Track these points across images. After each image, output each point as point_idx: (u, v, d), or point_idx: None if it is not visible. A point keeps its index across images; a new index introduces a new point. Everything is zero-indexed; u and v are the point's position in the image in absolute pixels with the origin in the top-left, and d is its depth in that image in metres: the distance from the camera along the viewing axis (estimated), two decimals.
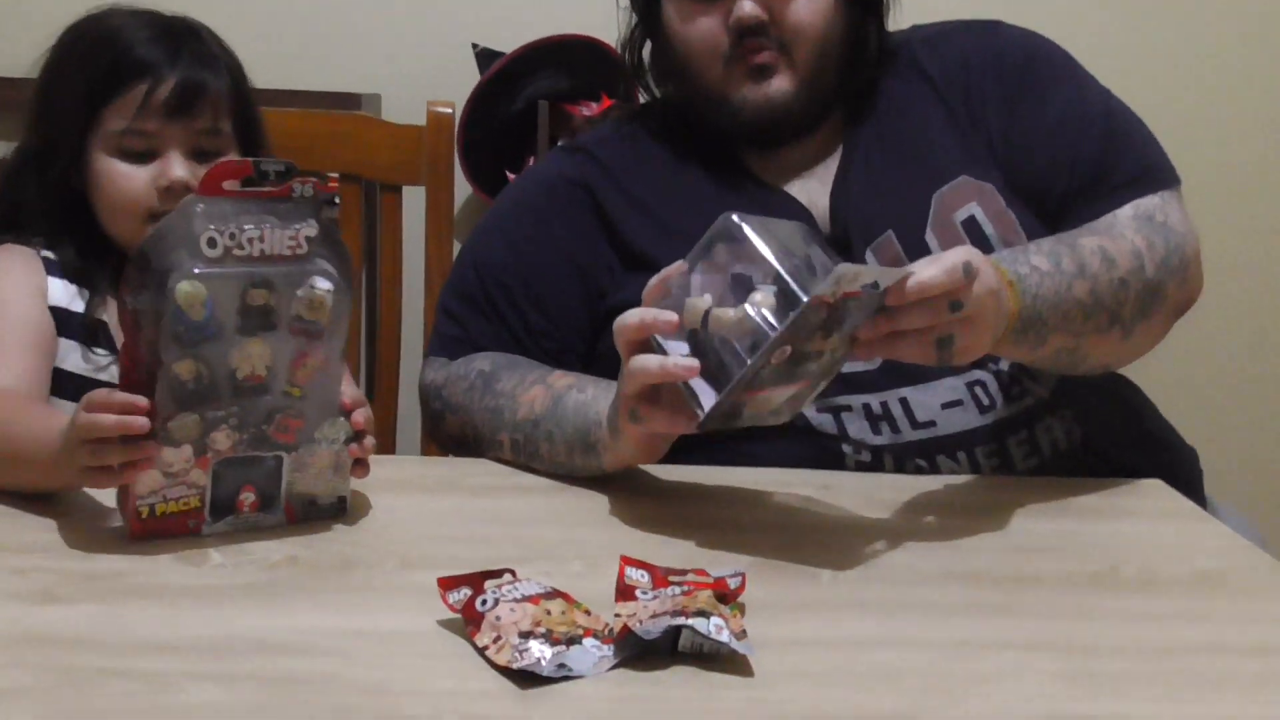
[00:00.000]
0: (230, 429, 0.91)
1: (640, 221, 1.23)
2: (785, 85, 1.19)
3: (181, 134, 1.14)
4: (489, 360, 1.20)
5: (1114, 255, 1.10)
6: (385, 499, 1.02)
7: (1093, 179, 1.19)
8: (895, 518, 1.04)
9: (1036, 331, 1.04)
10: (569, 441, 1.08)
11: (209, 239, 0.87)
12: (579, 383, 1.12)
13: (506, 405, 1.14)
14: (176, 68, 1.14)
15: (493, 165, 2.22)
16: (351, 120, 1.60)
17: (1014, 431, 1.15)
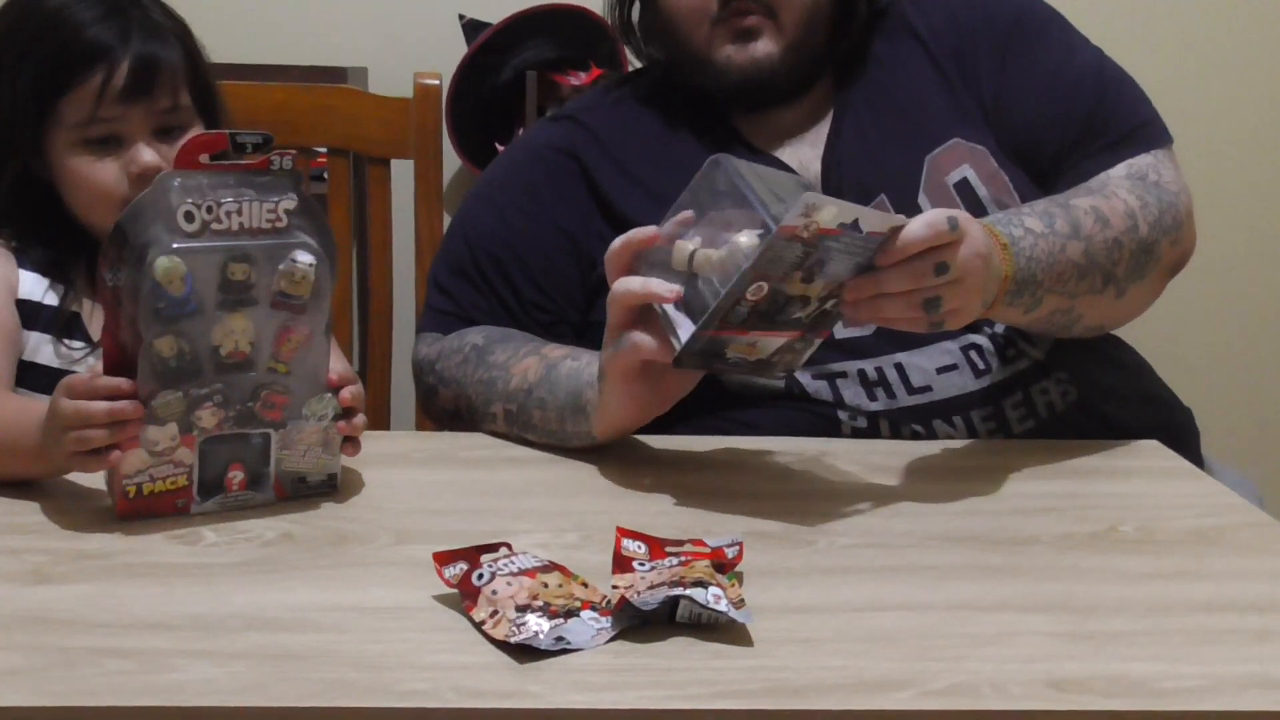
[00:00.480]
0: (215, 406, 0.90)
1: (630, 189, 1.22)
2: (771, 48, 1.18)
3: (143, 116, 1.12)
4: (482, 334, 1.20)
5: (1107, 215, 1.09)
6: (379, 473, 1.01)
7: (1084, 137, 1.19)
8: (892, 483, 1.04)
9: (1031, 293, 1.03)
10: (561, 408, 1.07)
11: (186, 213, 0.86)
12: (573, 353, 1.11)
13: (500, 376, 1.13)
14: (128, 49, 1.10)
15: (481, 137, 2.20)
16: (338, 93, 1.59)
17: (1009, 394, 1.15)
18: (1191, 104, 2.20)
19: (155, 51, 1.11)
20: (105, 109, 1.10)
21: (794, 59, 1.19)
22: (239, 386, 0.91)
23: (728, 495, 0.99)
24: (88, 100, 1.10)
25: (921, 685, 0.71)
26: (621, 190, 1.22)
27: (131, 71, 1.10)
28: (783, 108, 1.22)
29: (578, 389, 1.06)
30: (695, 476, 1.04)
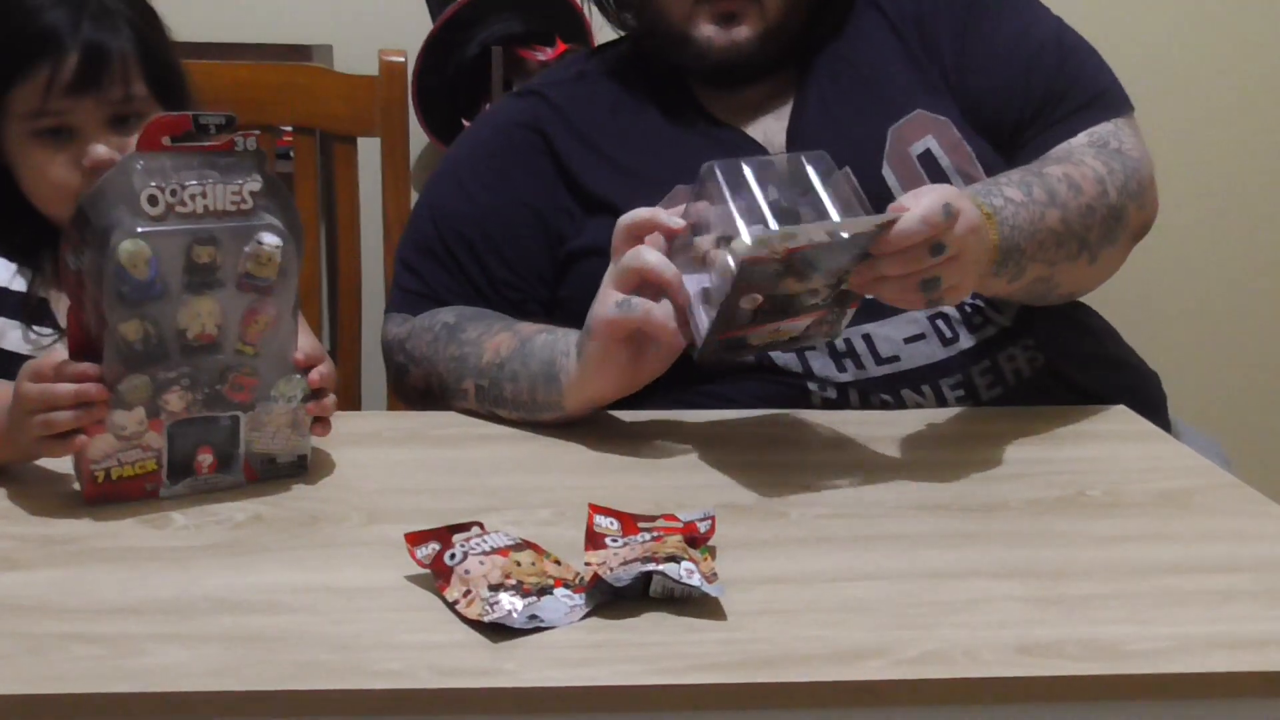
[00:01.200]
0: (183, 389, 0.89)
1: (595, 164, 1.21)
2: (750, 33, 1.17)
3: (94, 107, 1.08)
4: (454, 312, 1.19)
5: (1079, 182, 1.10)
6: (349, 453, 1.01)
7: (1045, 105, 1.19)
8: (861, 453, 1.04)
9: (1015, 262, 1.04)
10: (533, 377, 1.07)
11: (149, 196, 0.85)
12: (548, 328, 1.11)
13: (471, 353, 1.13)
14: (76, 38, 1.06)
15: (448, 113, 2.19)
16: (303, 72, 1.57)
17: (977, 361, 1.15)
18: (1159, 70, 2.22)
19: (105, 40, 1.08)
20: (54, 101, 1.07)
21: (773, 42, 1.18)
22: (206, 369, 0.90)
23: (699, 468, 1.00)
24: (36, 92, 1.07)
25: (895, 654, 0.71)
26: (587, 165, 1.21)
27: (80, 63, 1.06)
28: (747, 84, 1.22)
29: (551, 358, 1.06)
30: (666, 450, 1.04)
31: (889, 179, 1.16)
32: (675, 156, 1.18)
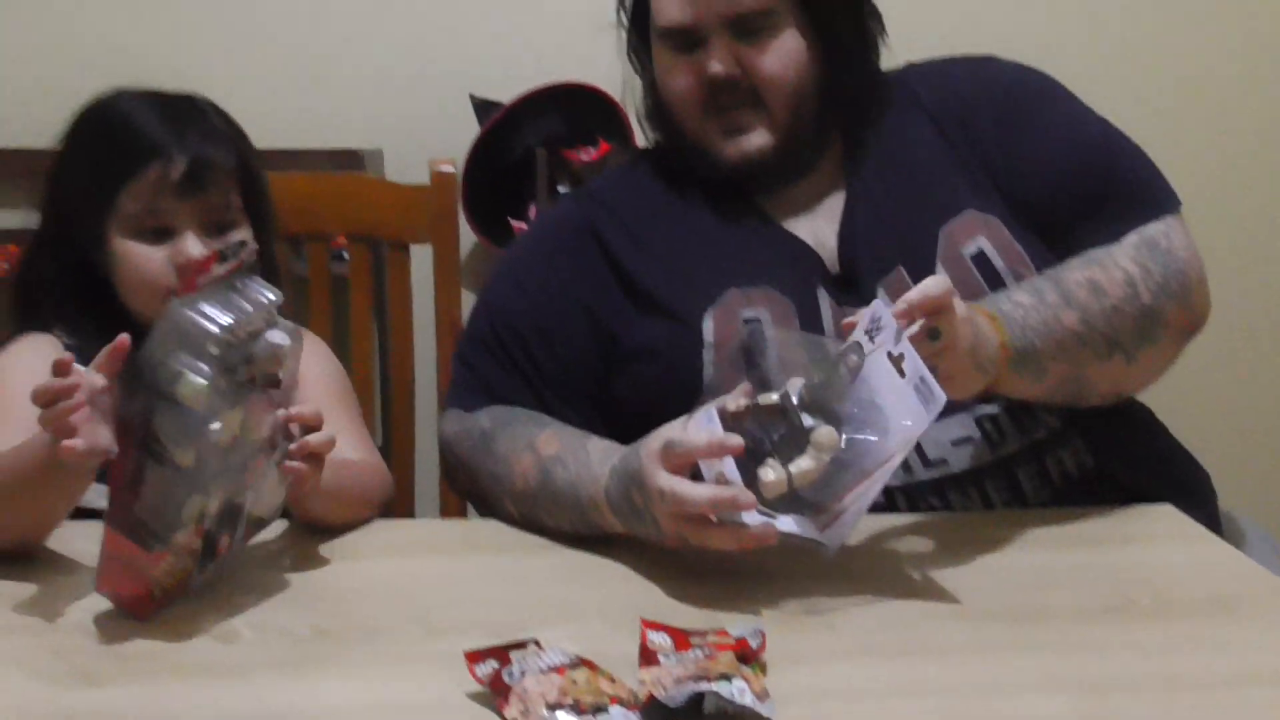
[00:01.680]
0: (219, 491, 0.93)
1: (647, 263, 1.24)
2: (761, 141, 1.21)
3: (194, 210, 1.18)
4: (489, 416, 1.22)
5: (1103, 284, 1.12)
6: (406, 563, 1.04)
7: (1094, 205, 1.21)
8: (909, 559, 1.05)
9: (1035, 363, 1.06)
10: (570, 518, 1.10)
11: (210, 327, 0.89)
12: (561, 452, 1.12)
13: (504, 474, 1.15)
14: (186, 148, 1.17)
15: (495, 212, 2.23)
16: (358, 182, 1.63)
17: (1025, 464, 1.17)
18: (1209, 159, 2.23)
19: (210, 152, 1.18)
20: (160, 201, 1.16)
21: (788, 146, 1.21)
22: (233, 467, 0.94)
23: (748, 576, 1.01)
24: (145, 192, 1.16)
25: None
26: (639, 265, 1.24)
27: (187, 169, 1.16)
28: (794, 183, 1.25)
29: (579, 506, 1.08)
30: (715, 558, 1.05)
31: None
32: (727, 256, 1.22)
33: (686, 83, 1.21)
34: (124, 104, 1.20)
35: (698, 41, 1.20)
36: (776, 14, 1.19)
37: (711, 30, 1.19)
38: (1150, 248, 1.17)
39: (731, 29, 1.19)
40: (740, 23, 1.18)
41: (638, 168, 1.33)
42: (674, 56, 1.22)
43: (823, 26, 1.21)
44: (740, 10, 1.18)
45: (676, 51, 1.21)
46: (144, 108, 1.19)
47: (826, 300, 1.19)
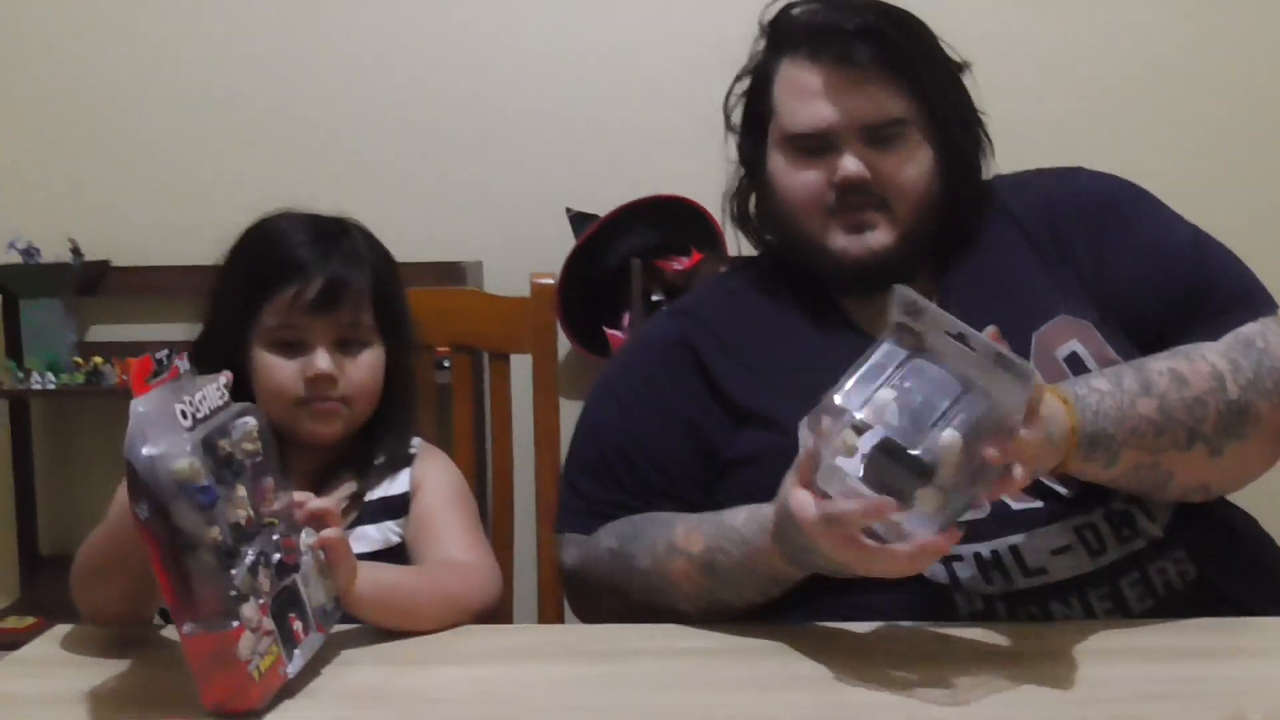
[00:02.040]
0: (263, 567, 0.97)
1: (744, 378, 1.26)
2: (884, 239, 1.23)
3: (326, 327, 1.25)
4: (613, 536, 1.24)
5: (1186, 376, 1.12)
6: (512, 669, 1.05)
7: (1188, 310, 1.22)
8: (1009, 669, 1.04)
9: (1105, 447, 1.07)
10: (754, 590, 1.12)
11: (180, 411, 0.94)
12: (710, 542, 1.14)
13: (661, 585, 1.17)
14: (323, 269, 1.24)
15: (590, 321, 2.28)
16: (461, 295, 1.68)
17: (1126, 573, 1.15)
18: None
19: (345, 274, 1.25)
20: (295, 317, 1.24)
21: (907, 247, 1.24)
22: (264, 540, 0.99)
23: (849, 686, 1.01)
24: (283, 308, 1.24)
25: None
26: (736, 379, 1.26)
27: (321, 290, 1.24)
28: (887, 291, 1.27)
29: (758, 580, 1.11)
30: (816, 665, 1.06)
31: None
32: (822, 366, 1.22)
33: (814, 184, 1.24)
34: (278, 225, 1.29)
35: (829, 146, 1.23)
36: (907, 123, 1.23)
37: (847, 135, 1.22)
38: (1244, 345, 1.17)
39: (864, 135, 1.22)
40: (874, 130, 1.22)
41: (731, 281, 1.37)
42: (801, 158, 1.25)
43: (946, 137, 1.25)
44: (878, 119, 1.22)
45: (803, 154, 1.25)
46: (294, 229, 1.27)
47: None
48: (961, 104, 1.28)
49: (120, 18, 2.51)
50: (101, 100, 2.52)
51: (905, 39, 1.23)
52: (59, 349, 2.43)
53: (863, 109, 1.21)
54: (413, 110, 2.46)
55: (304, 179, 2.38)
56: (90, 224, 2.48)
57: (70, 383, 2.39)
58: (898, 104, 1.22)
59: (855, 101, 1.21)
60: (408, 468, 1.31)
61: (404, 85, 2.47)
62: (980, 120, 1.30)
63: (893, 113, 1.22)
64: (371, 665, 1.08)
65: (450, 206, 2.39)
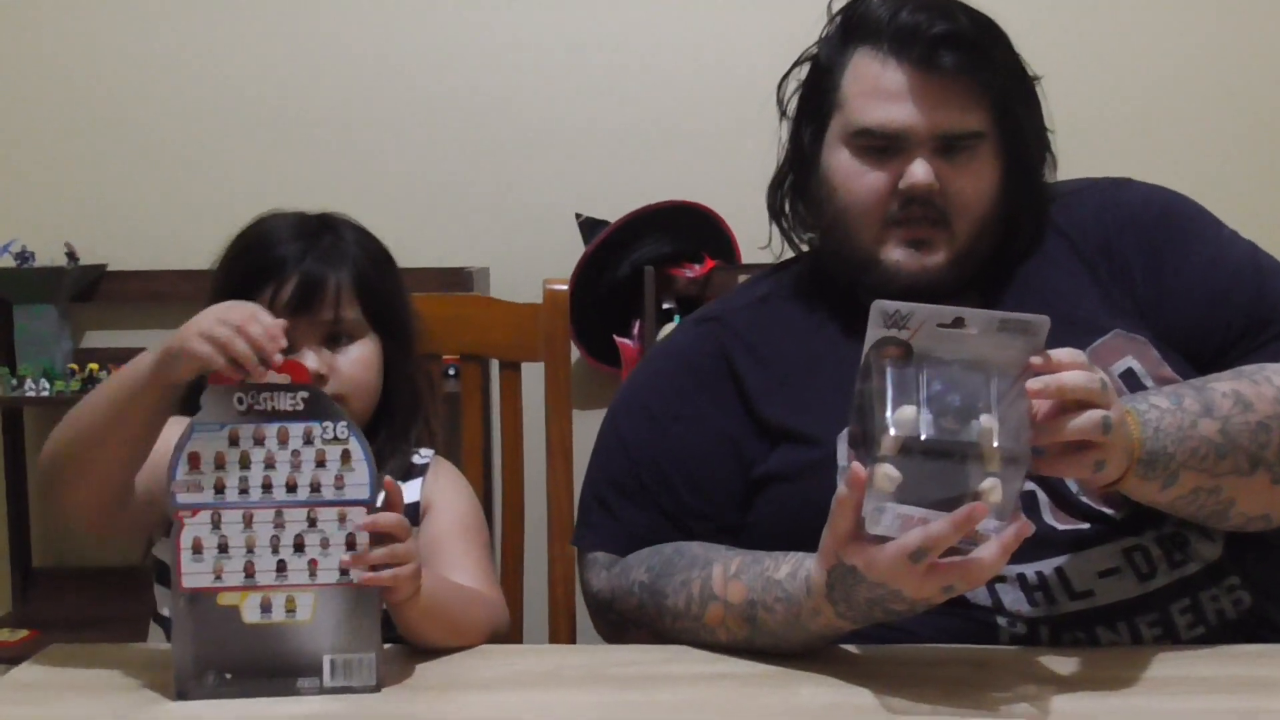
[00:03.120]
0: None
1: (777, 393, 1.20)
2: (941, 259, 1.17)
3: (309, 326, 1.19)
4: (644, 569, 1.17)
5: (1250, 399, 1.06)
6: (532, 695, 1.00)
7: (1247, 331, 1.16)
8: (1053, 697, 0.99)
9: (1164, 466, 1.01)
10: (798, 643, 1.06)
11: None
12: (752, 594, 1.07)
13: (698, 629, 1.11)
14: (300, 267, 1.19)
15: (600, 331, 2.23)
16: (471, 302, 1.63)
17: (1177, 600, 1.10)
18: None
19: (323, 271, 1.20)
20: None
21: (961, 268, 1.18)
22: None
23: (887, 713, 0.96)
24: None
25: None
26: (769, 396, 1.21)
27: (296, 288, 1.19)
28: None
29: (807, 635, 1.05)
30: (852, 691, 1.01)
31: None
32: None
33: (876, 187, 1.17)
34: (262, 226, 1.24)
35: (898, 149, 1.16)
36: (983, 137, 1.16)
37: (920, 141, 1.15)
38: None
39: (938, 145, 1.16)
40: (949, 140, 1.16)
41: (763, 286, 1.31)
42: (865, 158, 1.17)
43: (1018, 156, 1.19)
44: (955, 129, 1.15)
45: (869, 153, 1.17)
46: (276, 229, 1.22)
47: None
48: (1037, 119, 1.21)
49: (119, 20, 2.47)
50: (99, 101, 2.48)
51: (992, 48, 1.17)
52: (54, 356, 2.39)
53: (943, 117, 1.15)
54: (418, 113, 2.42)
55: (306, 182, 2.34)
56: (86, 227, 2.44)
57: (65, 390, 2.34)
58: (977, 116, 1.16)
59: (936, 108, 1.14)
60: (420, 478, 1.26)
61: (409, 87, 2.43)
62: (1047, 136, 1.23)
63: (971, 125, 1.15)
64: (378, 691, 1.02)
65: (457, 211, 2.35)
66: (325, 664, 1.01)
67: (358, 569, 1.00)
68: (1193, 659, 1.07)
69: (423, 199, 2.36)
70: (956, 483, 0.91)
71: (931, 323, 0.94)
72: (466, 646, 1.13)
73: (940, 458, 0.91)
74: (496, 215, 2.34)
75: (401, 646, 1.11)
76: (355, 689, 1.01)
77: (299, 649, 1.01)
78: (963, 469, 0.91)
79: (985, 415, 0.92)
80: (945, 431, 0.92)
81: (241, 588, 1.00)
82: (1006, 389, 0.93)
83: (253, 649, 1.00)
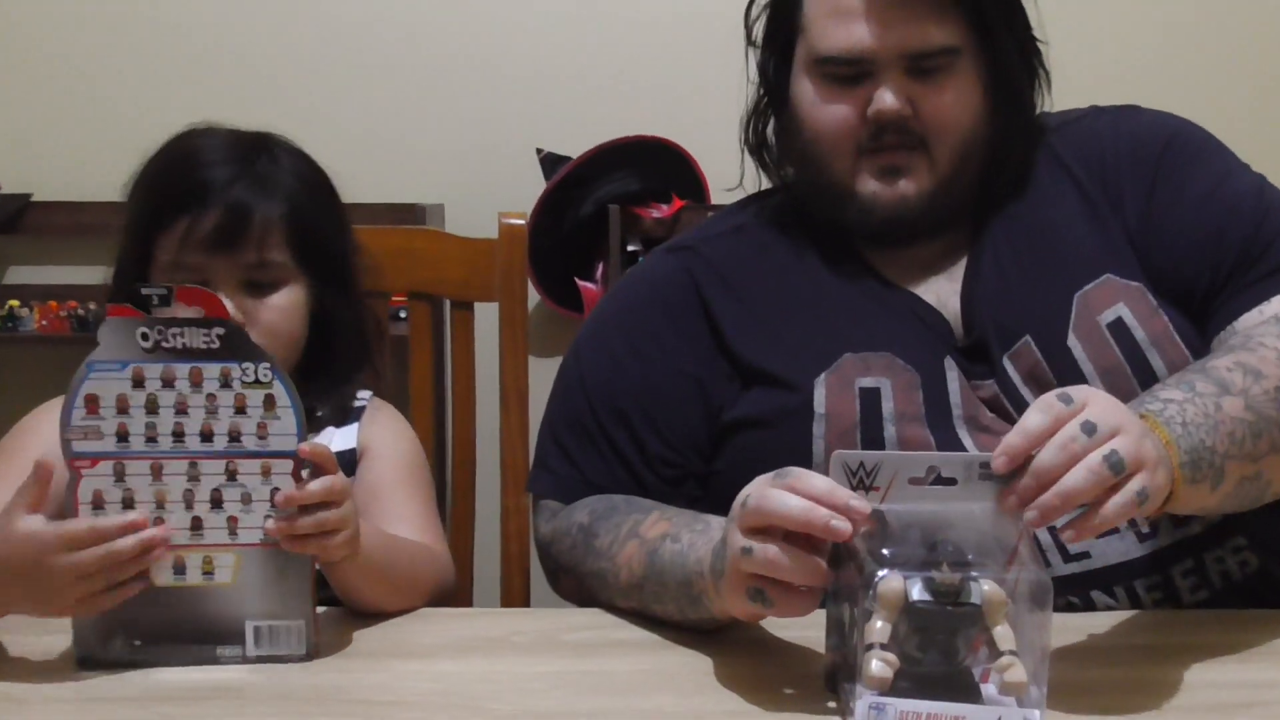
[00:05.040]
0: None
1: (752, 330, 1.12)
2: (920, 186, 1.09)
3: (227, 267, 1.07)
4: (586, 510, 1.09)
5: (1255, 366, 0.97)
6: (477, 663, 0.91)
7: (1239, 267, 1.07)
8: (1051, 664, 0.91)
9: (1210, 463, 0.90)
10: (676, 599, 0.96)
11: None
12: (673, 529, 1.00)
13: (608, 569, 1.03)
14: (223, 197, 1.07)
15: (561, 273, 2.15)
16: (422, 235, 1.52)
17: (1179, 561, 1.03)
18: None
19: (249, 203, 1.07)
20: (189, 255, 1.07)
21: (943, 197, 1.09)
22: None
23: None
24: (173, 246, 1.07)
25: None
26: (744, 331, 1.12)
27: (218, 222, 1.06)
28: (920, 242, 1.13)
29: (685, 578, 0.95)
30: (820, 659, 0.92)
31: (1075, 350, 1.05)
32: (841, 318, 1.10)
33: (844, 117, 1.09)
34: (186, 144, 1.12)
35: (864, 74, 1.08)
36: (958, 53, 1.07)
37: (886, 63, 1.07)
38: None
39: (907, 65, 1.07)
40: (918, 59, 1.07)
41: (739, 216, 1.21)
42: (831, 86, 1.09)
43: (1001, 72, 1.10)
44: (924, 47, 1.06)
45: (835, 81, 1.09)
46: (205, 148, 1.10)
47: (955, 372, 1.06)
48: (1022, 32, 1.12)
49: None
50: (23, 20, 2.34)
51: None
52: None
53: (908, 34, 1.06)
54: (369, 36, 2.31)
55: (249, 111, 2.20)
56: (9, 154, 2.31)
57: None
58: (949, 30, 1.07)
59: (899, 25, 1.05)
60: (355, 422, 1.15)
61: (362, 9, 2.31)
62: (1039, 50, 1.14)
63: (941, 40, 1.06)
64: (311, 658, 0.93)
65: (410, 143, 2.25)
66: (249, 630, 0.91)
67: (283, 538, 0.90)
68: (1196, 624, 1.00)
69: (374, 129, 2.26)
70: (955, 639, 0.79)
71: (903, 477, 0.82)
72: (410, 608, 1.04)
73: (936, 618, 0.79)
74: (452, 148, 2.24)
75: (336, 609, 1.01)
76: (283, 658, 0.91)
77: (219, 613, 0.91)
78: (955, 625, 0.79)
79: (992, 586, 0.78)
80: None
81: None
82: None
83: (166, 613, 0.90)
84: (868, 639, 0.77)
